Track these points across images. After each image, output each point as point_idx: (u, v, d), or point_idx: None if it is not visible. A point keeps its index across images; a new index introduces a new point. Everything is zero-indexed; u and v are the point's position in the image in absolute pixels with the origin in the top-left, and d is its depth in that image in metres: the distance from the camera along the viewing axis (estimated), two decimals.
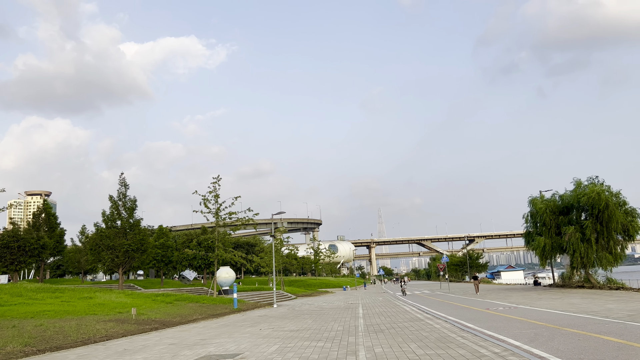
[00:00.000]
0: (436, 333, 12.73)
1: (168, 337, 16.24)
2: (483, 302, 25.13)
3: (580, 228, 31.78)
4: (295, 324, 18.71)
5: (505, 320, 15.27)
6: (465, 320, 15.64)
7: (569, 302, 21.27)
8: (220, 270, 42.94)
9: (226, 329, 18.08)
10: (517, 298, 26.88)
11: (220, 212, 37.86)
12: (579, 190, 32.50)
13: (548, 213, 33.86)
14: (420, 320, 16.85)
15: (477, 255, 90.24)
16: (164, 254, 54.21)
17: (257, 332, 16.36)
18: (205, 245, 49.91)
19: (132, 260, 39.61)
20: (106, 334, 17.26)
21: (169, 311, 26.20)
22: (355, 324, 16.95)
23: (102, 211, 39.69)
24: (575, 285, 34.16)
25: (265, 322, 20.53)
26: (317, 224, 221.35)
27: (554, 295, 26.86)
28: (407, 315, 19.46)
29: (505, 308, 20.18)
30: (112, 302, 27.76)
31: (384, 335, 13.11)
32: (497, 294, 32.50)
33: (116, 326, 19.38)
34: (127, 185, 40.51)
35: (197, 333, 17.21)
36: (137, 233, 39.37)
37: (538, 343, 9.92)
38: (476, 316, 17.21)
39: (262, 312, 27.21)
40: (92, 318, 21.42)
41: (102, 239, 38.85)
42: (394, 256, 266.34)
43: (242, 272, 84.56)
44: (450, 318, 16.76)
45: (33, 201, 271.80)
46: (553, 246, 33.21)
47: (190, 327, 19.78)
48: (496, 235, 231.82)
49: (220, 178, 38.79)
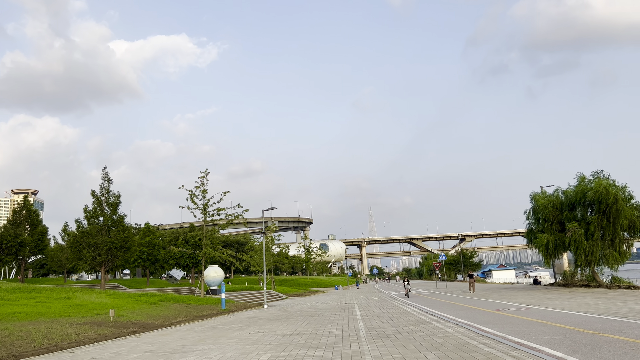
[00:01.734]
0: (452, 339, 11.07)
1: (146, 343, 14.47)
2: (488, 302, 23.57)
3: (585, 224, 30.31)
4: (288, 327, 17.00)
5: (525, 323, 13.66)
6: (478, 324, 14.02)
7: (584, 303, 19.74)
8: (208, 269, 41.05)
9: (212, 333, 16.34)
10: (523, 298, 25.34)
11: (208, 208, 35.99)
12: (584, 185, 31.01)
13: (551, 209, 32.36)
14: (427, 323, 15.20)
15: (470, 253, 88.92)
16: (150, 253, 52.20)
17: (246, 336, 14.64)
18: (192, 243, 47.97)
19: (115, 258, 37.63)
20: (76, 339, 15.43)
21: (152, 312, 24.38)
22: (355, 327, 15.27)
23: (84, 207, 37.69)
24: (579, 284, 32.74)
25: (255, 324, 18.80)
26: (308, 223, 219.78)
27: (562, 295, 25.35)
28: (410, 317, 17.81)
29: (517, 309, 18.60)
30: (91, 303, 25.91)
31: (390, 341, 11.43)
32: (499, 293, 30.99)
33: (90, 330, 17.55)
34: (111, 180, 38.54)
35: (179, 337, 15.45)
36: (121, 230, 37.42)
37: (585, 354, 8.26)
38: (489, 318, 15.59)
39: (252, 313, 25.47)
40: (65, 320, 19.57)
41: (83, 236, 36.88)
42: (384, 255, 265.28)
43: (231, 272, 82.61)
44: (460, 321, 15.12)
45: (19, 200, 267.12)
46: (557, 243, 31.68)
47: (173, 331, 18.00)
48: (487, 234, 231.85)
49: (208, 172, 36.89)
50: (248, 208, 37.20)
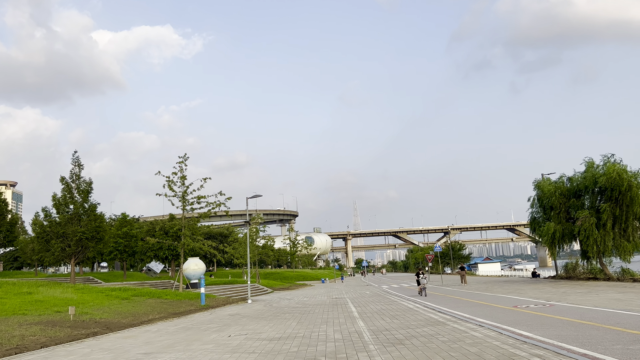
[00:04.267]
0: (488, 348, 8.64)
1: (103, 349, 11.85)
2: (497, 297, 21.30)
3: (596, 212, 28.21)
4: (275, 327, 14.49)
5: (566, 324, 11.31)
6: (507, 324, 11.62)
7: (611, 298, 17.54)
8: (188, 261, 38.30)
9: (185, 335, 13.76)
10: (533, 292, 23.09)
11: (187, 196, 33.25)
12: (593, 171, 28.86)
13: (557, 196, 30.17)
14: (441, 323, 12.79)
15: (459, 246, 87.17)
16: (127, 244, 49.14)
17: (225, 340, 12.10)
18: (171, 234, 45.11)
19: (87, 249, 34.71)
20: (19, 344, 12.74)
21: (122, 309, 21.70)
22: (356, 329, 12.81)
23: (53, 194, 34.68)
24: (584, 277, 30.72)
25: (236, 324, 16.25)
26: (293, 215, 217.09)
27: (576, 289, 23.17)
28: (417, 315, 15.39)
29: (538, 305, 16.29)
30: (55, 299, 23.17)
31: (408, 350, 8.96)
32: (501, 287, 28.79)
33: (41, 331, 14.85)
34: (82, 165, 35.56)
35: (145, 342, 12.85)
36: (93, 219, 34.47)
37: None
38: (514, 317, 13.23)
39: (234, 310, 22.90)
40: (16, 320, 16.84)
41: (51, 225, 33.90)
42: (369, 248, 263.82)
43: (214, 264, 79.76)
44: (482, 320, 12.72)
45: None
46: (564, 233, 29.55)
47: (140, 332, 15.37)
48: (471, 227, 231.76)
49: (187, 157, 34.08)
50: (231, 196, 34.51)
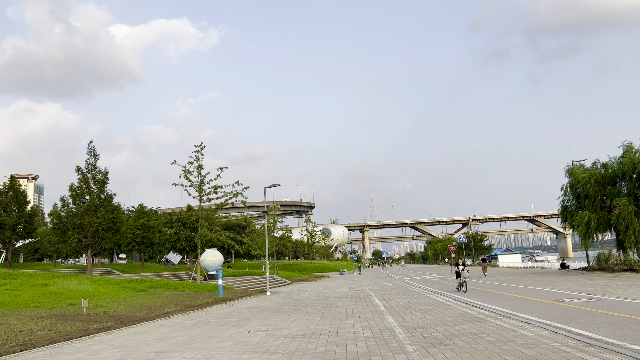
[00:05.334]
0: (547, 350, 7.48)
1: (113, 346, 10.97)
2: (532, 290, 20.01)
3: (634, 200, 26.62)
4: (297, 322, 13.49)
5: (627, 322, 10.02)
6: (558, 322, 10.39)
7: None
8: (205, 252, 37.53)
9: (201, 331, 12.83)
10: (569, 284, 21.73)
11: (203, 186, 32.41)
12: (632, 156, 27.22)
13: (592, 183, 28.57)
14: (481, 319, 11.63)
15: (480, 237, 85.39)
16: (145, 235, 48.70)
17: (244, 337, 11.12)
18: (188, 225, 44.48)
19: (103, 241, 34.15)
20: (25, 340, 11.94)
21: (137, 302, 20.92)
22: (387, 325, 11.73)
23: (70, 185, 34.14)
24: (619, 269, 29.17)
25: (256, 318, 15.30)
26: (310, 207, 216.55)
27: (618, 282, 21.72)
28: (450, 310, 14.25)
29: (583, 299, 15.00)
30: (70, 291, 22.49)
31: (453, 352, 7.84)
32: (532, 279, 27.42)
33: (51, 326, 14.07)
34: (97, 155, 34.92)
35: (158, 338, 11.94)
36: (109, 210, 33.86)
37: None
38: (562, 313, 12.00)
39: (253, 302, 22.00)
40: (27, 313, 16.11)
41: (68, 216, 33.39)
42: (386, 240, 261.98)
43: (232, 256, 79.31)
44: (527, 317, 11.51)
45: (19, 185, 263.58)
46: (599, 222, 28.00)
47: (155, 326, 14.50)
48: (491, 218, 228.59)
49: (204, 146, 33.22)
50: (248, 186, 33.54)
